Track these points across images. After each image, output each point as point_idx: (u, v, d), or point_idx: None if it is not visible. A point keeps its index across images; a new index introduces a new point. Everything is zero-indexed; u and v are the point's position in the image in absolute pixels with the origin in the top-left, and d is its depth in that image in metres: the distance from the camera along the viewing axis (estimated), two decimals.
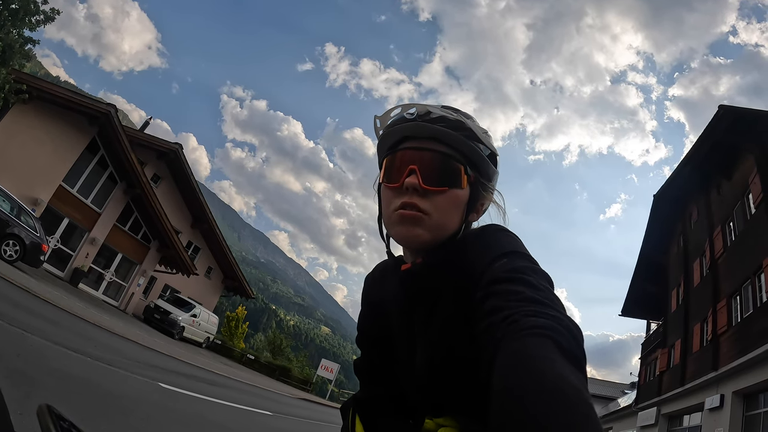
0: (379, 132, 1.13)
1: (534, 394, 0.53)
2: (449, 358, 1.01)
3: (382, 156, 1.12)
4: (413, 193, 1.01)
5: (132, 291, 26.22)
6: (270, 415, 11.07)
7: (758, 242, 15.04)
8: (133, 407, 5.51)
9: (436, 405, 1.07)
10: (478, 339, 0.78)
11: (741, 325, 15.52)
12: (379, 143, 1.14)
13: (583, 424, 0.50)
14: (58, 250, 20.91)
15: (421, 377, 1.08)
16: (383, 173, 1.08)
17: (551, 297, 0.78)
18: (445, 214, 1.02)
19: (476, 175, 1.07)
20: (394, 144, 1.09)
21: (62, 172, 20.37)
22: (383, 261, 1.32)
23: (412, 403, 1.15)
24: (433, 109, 1.06)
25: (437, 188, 1.01)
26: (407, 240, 1.03)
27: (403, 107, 1.10)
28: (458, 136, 1.04)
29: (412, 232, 1.01)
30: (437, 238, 1.03)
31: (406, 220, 1.01)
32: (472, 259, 0.97)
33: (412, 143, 1.06)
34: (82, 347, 7.18)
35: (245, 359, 33.63)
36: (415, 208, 1.00)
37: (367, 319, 1.31)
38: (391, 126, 1.09)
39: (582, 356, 0.65)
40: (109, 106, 20.47)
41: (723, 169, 18.42)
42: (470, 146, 1.05)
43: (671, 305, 24.56)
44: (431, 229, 1.01)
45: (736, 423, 14.69)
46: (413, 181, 1.00)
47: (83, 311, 12.06)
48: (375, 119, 1.15)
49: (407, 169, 1.02)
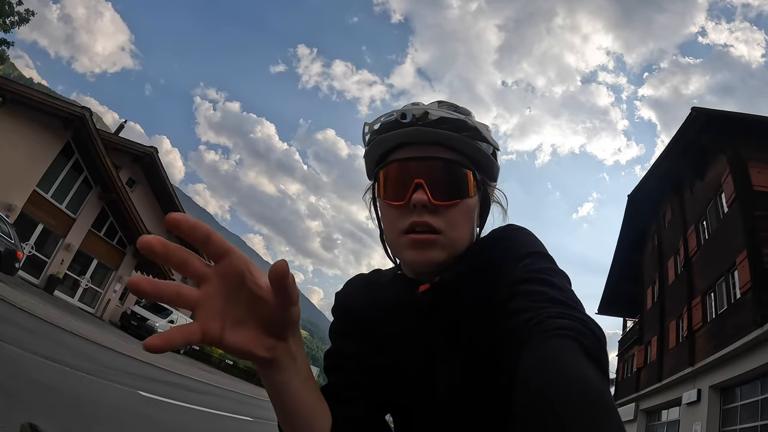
0: (367, 136, 1.02)
1: (560, 395, 0.53)
2: (477, 382, 0.93)
3: (374, 166, 1.02)
4: (422, 210, 0.91)
5: (108, 297, 25.78)
6: (251, 420, 11.01)
7: (731, 240, 15.33)
8: (113, 416, 5.45)
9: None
10: (501, 339, 0.77)
11: (716, 321, 15.82)
12: (368, 152, 1.02)
13: (608, 426, 0.49)
14: (32, 256, 20.44)
15: (443, 406, 0.97)
16: (382, 187, 0.97)
17: (574, 298, 0.77)
18: (458, 229, 0.94)
19: (483, 177, 1.00)
20: (388, 151, 0.99)
21: (36, 177, 19.90)
22: (361, 275, 1.17)
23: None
24: (431, 110, 0.95)
25: (449, 202, 0.92)
26: (422, 266, 0.93)
27: (397, 112, 0.97)
28: (463, 138, 0.94)
29: (426, 257, 0.92)
30: (452, 255, 0.94)
31: (419, 245, 0.91)
32: (495, 261, 0.92)
33: (412, 151, 0.95)
34: (60, 356, 7.07)
35: (224, 365, 33.41)
36: (428, 228, 0.91)
37: (356, 346, 1.05)
38: (383, 132, 0.98)
39: (605, 358, 0.65)
40: (84, 109, 20.08)
41: (696, 170, 18.73)
42: (476, 148, 0.96)
43: (647, 303, 24.93)
44: (446, 247, 0.93)
45: (714, 416, 14.94)
46: (422, 197, 0.90)
47: (60, 319, 11.85)
48: (364, 126, 1.03)
49: (413, 183, 0.91)
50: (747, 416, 13.53)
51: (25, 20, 14.98)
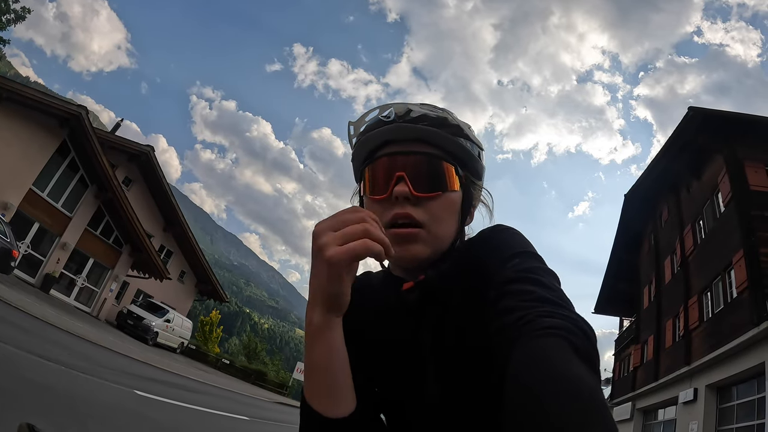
0: (353, 139, 1.03)
1: (551, 394, 0.53)
2: (465, 381, 0.92)
3: (360, 165, 1.03)
4: (404, 202, 0.92)
5: (104, 297, 25.68)
6: (247, 420, 10.99)
7: (727, 240, 15.40)
8: (108, 416, 5.43)
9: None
10: (490, 339, 0.77)
11: (712, 321, 15.90)
12: (354, 152, 1.03)
13: (600, 425, 0.49)
14: (28, 255, 20.36)
15: (433, 405, 0.96)
16: (367, 185, 0.99)
17: (563, 297, 0.77)
18: (441, 223, 0.95)
19: (467, 174, 1.00)
20: (373, 150, 1.00)
21: (32, 176, 19.84)
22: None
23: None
24: (413, 108, 0.97)
25: (430, 194, 0.93)
26: (406, 261, 0.94)
27: (380, 109, 0.99)
28: (444, 134, 0.96)
29: (410, 252, 0.92)
30: (437, 251, 0.95)
31: (401, 239, 0.91)
32: (483, 261, 0.92)
33: (394, 147, 0.96)
34: (55, 356, 7.05)
35: (220, 364, 33.37)
36: (409, 219, 0.91)
37: (347, 347, 0.97)
38: (367, 131, 0.99)
39: (596, 356, 0.65)
40: (80, 107, 20.02)
41: (693, 169, 18.82)
42: (458, 144, 0.97)
43: (643, 302, 25.02)
44: (430, 242, 0.93)
45: (710, 415, 15.03)
46: (403, 189, 0.91)
47: (56, 318, 11.82)
48: (349, 126, 1.04)
49: (394, 176, 0.93)
50: (743, 415, 13.60)
51: (21, 18, 14.93)
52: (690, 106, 16.79)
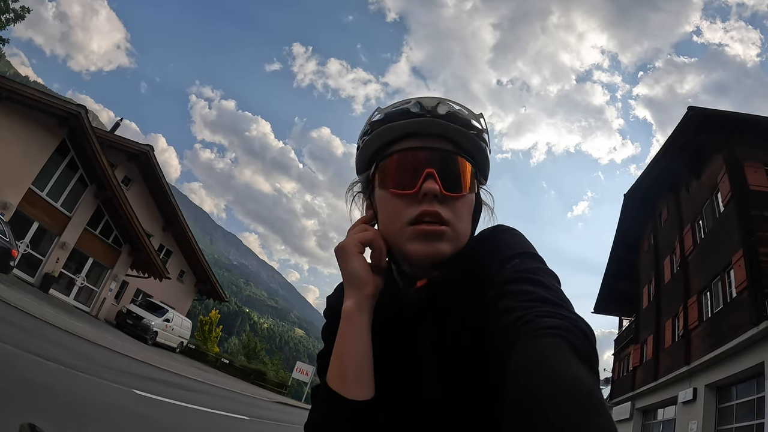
0: (368, 130, 1.00)
1: (551, 395, 0.53)
2: (465, 380, 0.92)
3: (376, 155, 0.99)
4: (432, 200, 0.90)
5: (104, 296, 25.67)
6: (246, 419, 10.99)
7: (727, 239, 15.40)
8: (107, 415, 5.42)
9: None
10: (490, 340, 0.77)
11: (712, 320, 15.90)
12: (369, 140, 0.99)
13: (598, 424, 0.50)
14: (27, 255, 20.36)
15: (433, 404, 0.96)
16: (388, 176, 0.95)
17: (563, 297, 0.77)
18: (463, 223, 0.94)
19: (480, 177, 1.02)
20: (391, 141, 0.97)
21: (31, 175, 19.83)
22: None
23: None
24: (441, 103, 0.95)
25: (458, 194, 0.92)
26: (431, 258, 0.91)
27: (407, 102, 0.97)
28: (470, 134, 0.95)
29: (436, 249, 0.90)
30: (456, 250, 0.93)
31: (428, 237, 0.90)
32: (484, 262, 0.91)
33: (417, 142, 0.94)
34: (55, 355, 7.05)
35: (219, 363, 33.36)
36: (438, 218, 0.90)
37: None
38: (389, 121, 0.96)
39: (594, 356, 0.65)
40: (79, 107, 20.00)
41: (692, 169, 18.82)
42: (479, 146, 0.97)
43: (643, 302, 25.02)
44: (453, 240, 0.92)
45: (710, 415, 15.04)
46: (433, 186, 0.89)
47: (55, 318, 11.81)
48: (374, 113, 1.01)
49: (424, 172, 0.90)
50: (742, 415, 13.61)
51: (20, 17, 14.90)
52: (689, 105, 16.82)
